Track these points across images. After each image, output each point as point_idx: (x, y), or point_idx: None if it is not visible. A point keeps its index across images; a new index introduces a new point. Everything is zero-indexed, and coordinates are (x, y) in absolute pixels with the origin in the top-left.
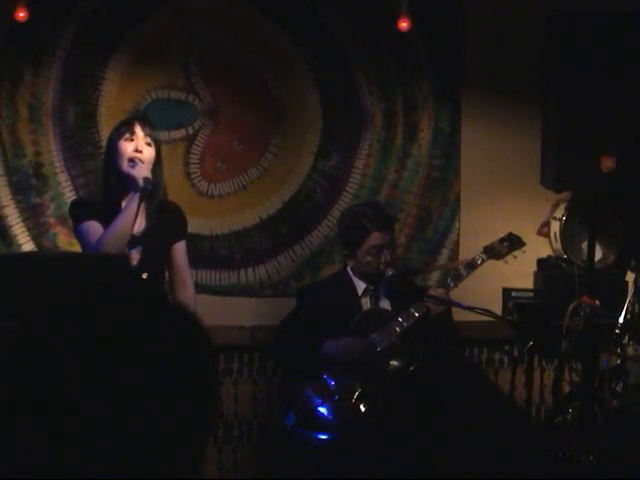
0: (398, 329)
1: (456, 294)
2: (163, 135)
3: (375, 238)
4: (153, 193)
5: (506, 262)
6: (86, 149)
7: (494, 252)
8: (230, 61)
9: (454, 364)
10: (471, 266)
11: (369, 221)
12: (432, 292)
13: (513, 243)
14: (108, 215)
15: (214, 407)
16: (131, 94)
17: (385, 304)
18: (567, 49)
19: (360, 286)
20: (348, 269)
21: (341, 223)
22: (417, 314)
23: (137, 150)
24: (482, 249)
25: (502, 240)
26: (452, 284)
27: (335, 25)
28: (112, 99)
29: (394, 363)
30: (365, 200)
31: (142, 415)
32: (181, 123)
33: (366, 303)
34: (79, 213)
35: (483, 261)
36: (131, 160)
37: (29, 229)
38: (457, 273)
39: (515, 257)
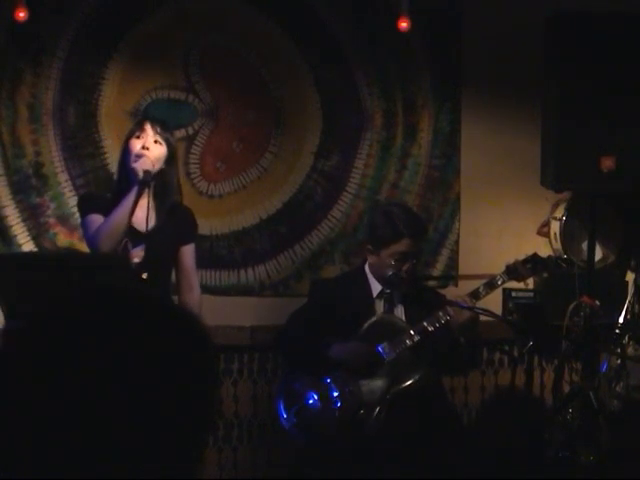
0: (409, 342)
1: (456, 294)
2: None
3: (404, 244)
4: (164, 193)
5: (527, 285)
6: (86, 149)
7: (516, 274)
8: (230, 61)
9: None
10: (491, 286)
11: (404, 225)
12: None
13: (537, 266)
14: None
15: (214, 408)
16: (131, 94)
17: (399, 309)
18: (567, 49)
19: (376, 288)
20: (366, 268)
21: (373, 219)
22: (430, 328)
23: (144, 147)
24: (504, 269)
25: (525, 261)
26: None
27: (335, 25)
28: (112, 99)
29: (400, 381)
30: (398, 202)
31: (142, 415)
32: (181, 123)
33: (380, 306)
34: (85, 207)
35: (504, 282)
36: (137, 156)
37: (29, 229)
38: (475, 292)
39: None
